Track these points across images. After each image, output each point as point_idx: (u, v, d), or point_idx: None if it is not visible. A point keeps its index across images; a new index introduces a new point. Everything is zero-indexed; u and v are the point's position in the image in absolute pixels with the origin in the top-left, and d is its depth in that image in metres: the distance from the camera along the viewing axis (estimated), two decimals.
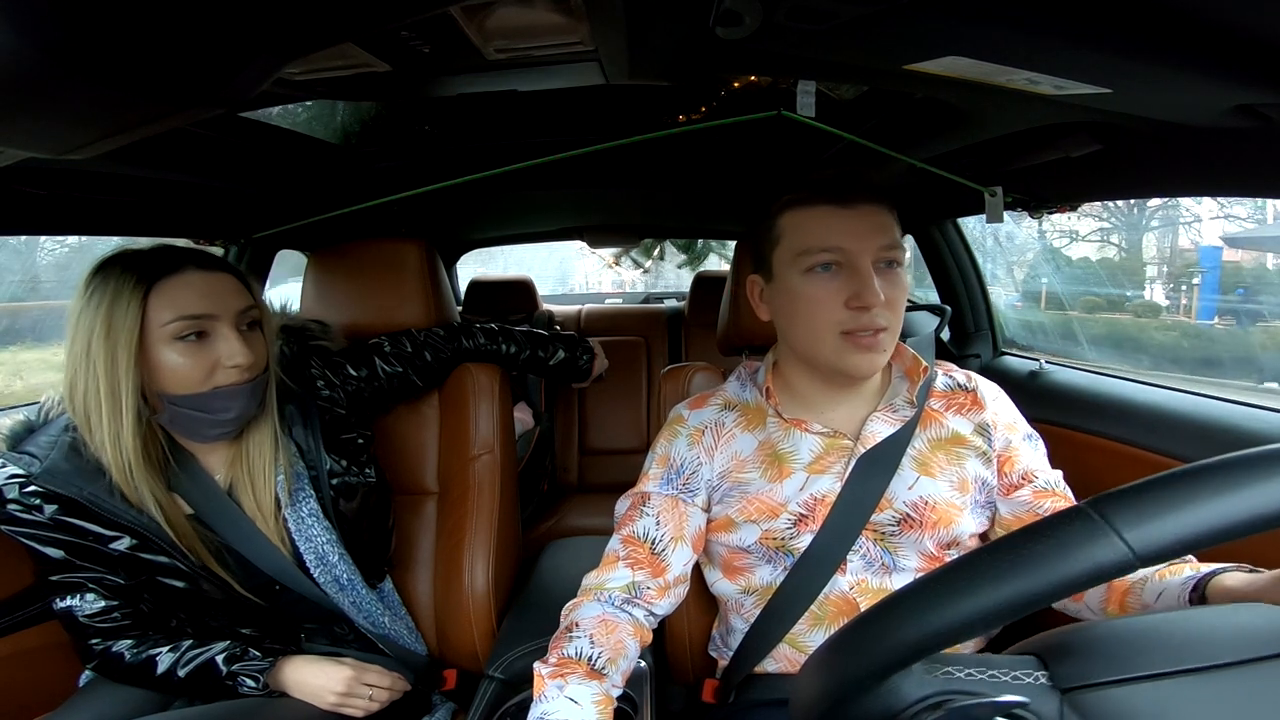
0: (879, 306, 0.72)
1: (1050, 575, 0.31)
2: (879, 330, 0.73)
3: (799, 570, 0.79)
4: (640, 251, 3.88)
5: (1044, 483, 0.80)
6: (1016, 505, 0.80)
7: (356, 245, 1.22)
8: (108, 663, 0.87)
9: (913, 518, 0.77)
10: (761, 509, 0.80)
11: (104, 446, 0.80)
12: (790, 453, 0.82)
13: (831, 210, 0.75)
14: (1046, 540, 0.32)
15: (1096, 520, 0.31)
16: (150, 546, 0.84)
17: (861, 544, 0.78)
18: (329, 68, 0.70)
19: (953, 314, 1.77)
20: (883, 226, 0.75)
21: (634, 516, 0.84)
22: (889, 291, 0.73)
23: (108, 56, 0.40)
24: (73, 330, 0.79)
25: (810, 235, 0.75)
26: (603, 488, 2.17)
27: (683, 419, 0.88)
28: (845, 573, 0.79)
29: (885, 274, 0.74)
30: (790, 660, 0.83)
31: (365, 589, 0.98)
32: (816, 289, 0.75)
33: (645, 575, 0.80)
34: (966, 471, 0.79)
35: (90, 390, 0.78)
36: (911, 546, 0.78)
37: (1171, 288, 3.58)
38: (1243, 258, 3.13)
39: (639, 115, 1.32)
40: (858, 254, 0.73)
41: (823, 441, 0.81)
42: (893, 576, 0.79)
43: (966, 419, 0.82)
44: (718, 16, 0.54)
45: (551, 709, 0.66)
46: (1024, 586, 0.31)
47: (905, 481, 0.78)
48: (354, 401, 1.03)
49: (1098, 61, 0.56)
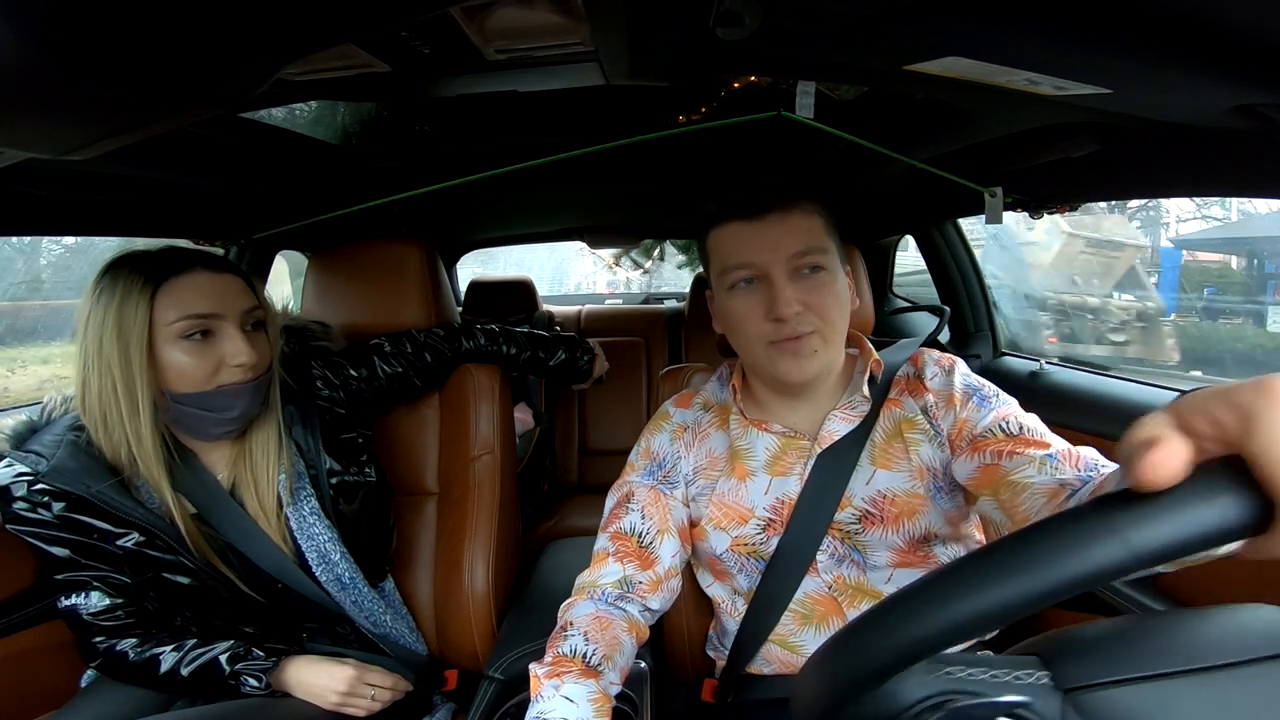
0: (795, 315, 0.73)
1: (1062, 570, 0.30)
2: (801, 335, 0.74)
3: (771, 574, 0.80)
4: (640, 252, 3.87)
5: (987, 430, 0.73)
6: (970, 467, 0.73)
7: (357, 246, 1.22)
8: (111, 661, 0.87)
9: (873, 513, 0.77)
10: (730, 515, 0.81)
11: (122, 444, 0.81)
12: (746, 450, 0.83)
13: (740, 225, 0.76)
14: (1058, 533, 0.32)
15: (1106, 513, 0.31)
16: (157, 543, 0.84)
17: (829, 543, 0.79)
18: (329, 68, 0.70)
19: (953, 314, 1.77)
20: (795, 233, 0.74)
21: (619, 514, 0.84)
22: (810, 297, 0.73)
23: (108, 57, 0.40)
24: (82, 329, 0.80)
25: (726, 253, 0.77)
26: (603, 488, 2.13)
27: (668, 415, 0.91)
28: (818, 572, 0.79)
29: (806, 280, 0.74)
30: (783, 661, 0.83)
31: (367, 588, 0.98)
32: (740, 304, 0.77)
33: (635, 569, 0.81)
34: (921, 457, 0.78)
35: (106, 389, 0.80)
36: (879, 543, 0.78)
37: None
38: (1203, 258, 3.24)
39: (639, 116, 1.32)
40: (769, 265, 0.74)
41: (780, 441, 0.82)
42: (867, 574, 0.79)
43: (915, 402, 0.81)
44: (718, 17, 0.54)
45: (548, 709, 0.65)
46: (1039, 578, 0.31)
47: (863, 477, 0.78)
48: (354, 402, 1.03)
49: (1098, 62, 0.56)
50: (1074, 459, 0.65)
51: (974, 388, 0.78)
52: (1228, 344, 2.68)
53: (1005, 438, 0.71)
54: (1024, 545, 0.32)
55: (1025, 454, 0.67)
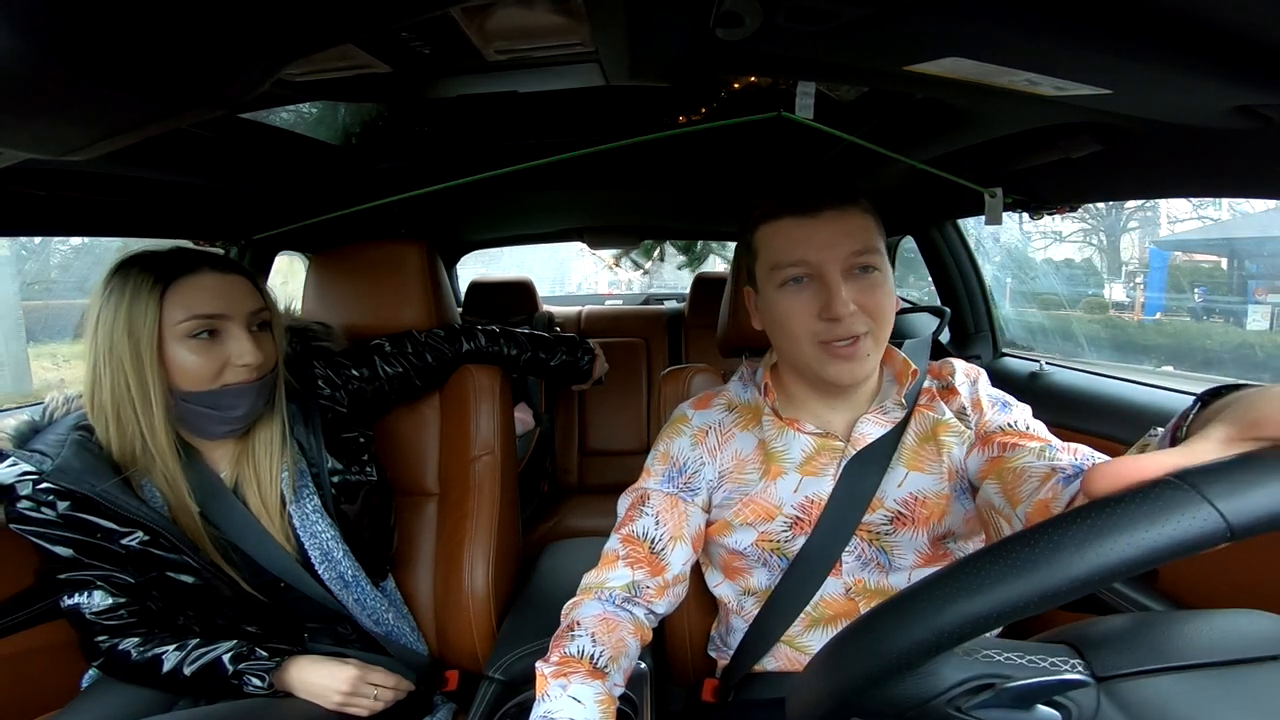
0: (850, 315, 0.72)
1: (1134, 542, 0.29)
2: (856, 338, 0.73)
3: (794, 572, 0.80)
4: (640, 253, 3.88)
5: (998, 428, 0.77)
6: (979, 460, 0.77)
7: (357, 247, 1.22)
8: (113, 660, 0.87)
9: (905, 515, 0.77)
10: (758, 511, 0.81)
11: (136, 439, 0.82)
12: (782, 451, 0.82)
13: (796, 222, 0.75)
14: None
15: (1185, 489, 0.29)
16: (162, 542, 0.84)
17: (856, 544, 0.79)
18: (329, 69, 0.70)
19: (953, 315, 1.76)
20: (851, 233, 0.74)
21: (634, 516, 0.84)
22: (863, 298, 0.73)
23: (108, 57, 0.40)
24: (93, 329, 0.81)
25: (778, 250, 0.76)
26: (603, 489, 2.16)
27: (687, 418, 0.89)
28: (840, 574, 0.79)
29: (860, 280, 0.74)
30: (789, 659, 0.83)
31: (369, 586, 0.98)
32: (790, 302, 0.75)
33: (644, 574, 0.80)
34: (953, 459, 0.79)
35: (119, 386, 0.81)
36: (907, 544, 0.78)
37: (1130, 286, 3.85)
38: (1191, 259, 3.32)
39: (639, 116, 1.32)
40: (825, 264, 0.73)
41: (815, 442, 0.82)
42: (889, 576, 0.79)
43: (949, 406, 0.82)
44: (718, 18, 0.54)
45: (555, 708, 0.66)
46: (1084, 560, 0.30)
47: (895, 479, 0.78)
48: (355, 401, 1.03)
49: (1098, 62, 0.56)
50: (1071, 450, 0.68)
51: (996, 397, 0.82)
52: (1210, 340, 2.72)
53: (1015, 433, 0.75)
54: (1028, 543, 0.32)
55: (1026, 445, 0.71)
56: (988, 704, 0.35)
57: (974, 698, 0.35)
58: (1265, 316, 2.63)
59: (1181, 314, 3.05)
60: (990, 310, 1.73)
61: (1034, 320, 2.64)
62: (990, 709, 0.35)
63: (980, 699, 0.35)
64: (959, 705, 0.35)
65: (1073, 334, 2.55)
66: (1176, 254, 3.32)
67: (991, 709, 0.35)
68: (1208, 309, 2.98)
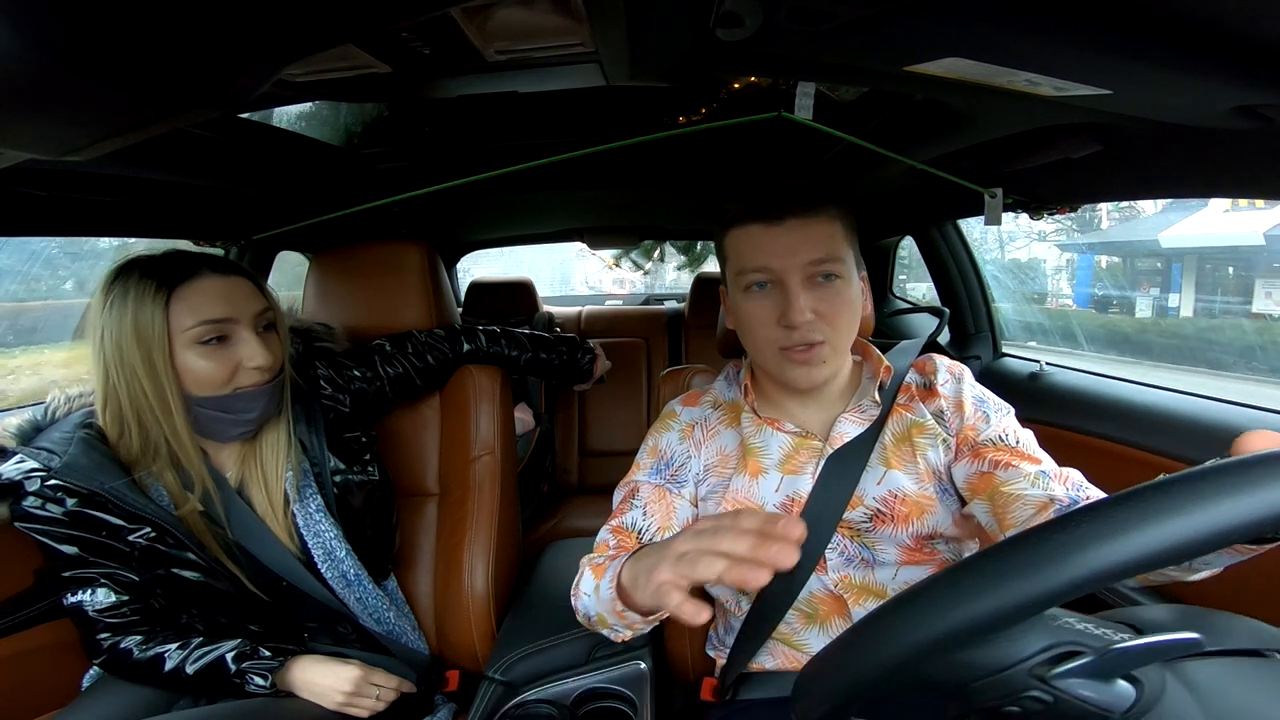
0: (807, 323, 0.73)
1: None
2: (812, 345, 0.74)
3: (779, 571, 0.80)
4: (640, 253, 3.87)
5: (988, 439, 0.77)
6: (968, 471, 0.77)
7: (357, 247, 1.22)
8: (115, 658, 0.87)
9: (884, 512, 0.78)
10: (740, 506, 0.81)
11: (160, 441, 0.83)
12: (760, 448, 0.83)
13: (761, 229, 0.76)
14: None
15: None
16: (168, 539, 0.85)
17: (838, 541, 0.79)
18: (330, 69, 0.70)
19: (953, 315, 1.76)
20: (814, 240, 0.75)
21: (624, 509, 0.85)
22: (822, 306, 0.74)
23: (108, 58, 0.40)
24: (97, 337, 0.81)
25: (743, 255, 0.77)
26: (603, 489, 2.15)
27: (675, 414, 0.91)
28: (826, 571, 0.80)
29: (820, 288, 0.75)
30: (787, 657, 0.83)
31: (371, 585, 0.98)
32: (752, 307, 0.77)
33: None
34: (929, 461, 0.79)
35: (136, 393, 0.81)
36: (888, 540, 0.79)
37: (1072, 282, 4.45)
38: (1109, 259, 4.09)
39: (639, 116, 1.32)
40: (785, 271, 0.74)
41: (793, 441, 0.83)
42: (875, 572, 0.80)
43: (927, 407, 0.83)
44: (718, 18, 0.54)
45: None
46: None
47: (874, 477, 0.79)
48: (357, 401, 1.03)
49: (1098, 63, 0.56)
50: (1063, 478, 0.70)
51: (981, 399, 0.82)
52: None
53: (1005, 449, 0.75)
54: (1031, 543, 0.33)
55: (1020, 467, 0.72)
56: (1072, 672, 0.34)
57: (1056, 666, 0.34)
58: (1148, 307, 3.50)
59: (1098, 304, 3.88)
60: (990, 310, 1.73)
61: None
62: (1073, 678, 0.34)
63: (1064, 667, 0.33)
64: (1040, 674, 0.34)
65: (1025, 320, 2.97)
66: (1101, 257, 4.05)
67: (1075, 678, 0.34)
68: (1106, 301, 3.84)
